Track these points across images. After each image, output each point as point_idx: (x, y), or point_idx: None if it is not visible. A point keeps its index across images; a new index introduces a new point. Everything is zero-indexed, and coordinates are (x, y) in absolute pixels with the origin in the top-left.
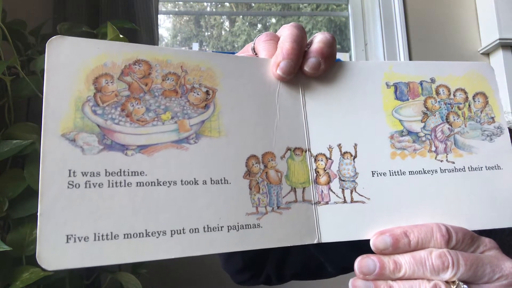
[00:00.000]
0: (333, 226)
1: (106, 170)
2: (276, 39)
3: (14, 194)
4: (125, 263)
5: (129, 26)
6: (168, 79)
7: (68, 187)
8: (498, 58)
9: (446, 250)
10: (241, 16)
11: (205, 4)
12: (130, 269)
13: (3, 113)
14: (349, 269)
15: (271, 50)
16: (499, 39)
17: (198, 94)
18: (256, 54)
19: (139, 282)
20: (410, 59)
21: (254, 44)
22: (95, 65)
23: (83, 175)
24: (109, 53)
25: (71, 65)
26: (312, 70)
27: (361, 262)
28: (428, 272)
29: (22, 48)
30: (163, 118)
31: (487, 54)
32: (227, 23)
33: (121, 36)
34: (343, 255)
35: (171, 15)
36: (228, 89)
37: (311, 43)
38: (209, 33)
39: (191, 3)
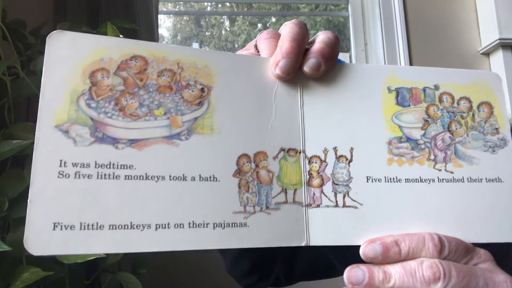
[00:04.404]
0: (323, 229)
1: (96, 162)
2: (277, 37)
3: (14, 194)
4: (124, 263)
5: (129, 26)
6: (163, 75)
7: (58, 176)
8: (498, 58)
9: (437, 260)
10: (241, 16)
11: (205, 4)
12: (130, 269)
13: (3, 113)
14: None
15: (272, 48)
16: (499, 39)
17: (193, 91)
18: (258, 52)
19: (139, 282)
20: (410, 59)
21: (256, 41)
22: (92, 60)
23: (73, 166)
24: (106, 48)
25: (69, 59)
26: (312, 71)
27: (350, 272)
28: (418, 283)
29: (22, 48)
30: (156, 113)
31: (487, 54)
32: (227, 23)
33: (121, 36)
34: (353, 254)
35: (171, 15)
36: (224, 87)
37: (313, 42)
38: (209, 33)
39: (191, 3)
